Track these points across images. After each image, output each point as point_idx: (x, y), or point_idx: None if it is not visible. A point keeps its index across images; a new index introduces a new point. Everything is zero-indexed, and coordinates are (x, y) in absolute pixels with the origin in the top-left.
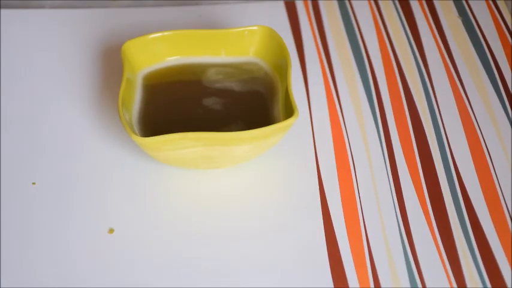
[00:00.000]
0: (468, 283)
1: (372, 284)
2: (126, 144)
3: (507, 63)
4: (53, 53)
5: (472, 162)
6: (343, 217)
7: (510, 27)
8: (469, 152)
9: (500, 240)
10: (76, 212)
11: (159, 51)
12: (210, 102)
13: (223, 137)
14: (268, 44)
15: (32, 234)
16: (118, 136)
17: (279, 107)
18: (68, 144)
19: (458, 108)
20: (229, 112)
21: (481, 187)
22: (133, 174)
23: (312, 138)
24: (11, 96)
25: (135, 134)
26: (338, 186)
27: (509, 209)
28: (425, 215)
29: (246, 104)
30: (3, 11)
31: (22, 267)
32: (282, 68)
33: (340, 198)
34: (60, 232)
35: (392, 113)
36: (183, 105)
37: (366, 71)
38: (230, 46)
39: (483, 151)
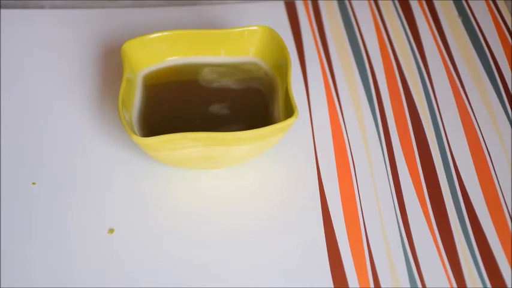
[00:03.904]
0: (468, 283)
1: (372, 284)
2: (126, 144)
3: (507, 63)
4: (53, 53)
5: (472, 162)
6: (343, 217)
7: (510, 27)
8: (469, 152)
9: (500, 240)
10: (76, 212)
11: (159, 51)
12: (210, 102)
13: (223, 137)
14: (268, 44)
15: (32, 234)
16: (118, 136)
17: (279, 107)
18: (67, 144)
19: (458, 108)
20: (229, 112)
21: (481, 187)
22: (133, 174)
23: (312, 138)
24: (11, 96)
25: (135, 134)
26: (338, 186)
27: (509, 209)
28: (425, 215)
29: (246, 104)
30: (3, 11)
31: (22, 267)
32: (282, 68)
33: (340, 198)
34: (60, 232)
35: (392, 113)
36: (183, 105)
37: (366, 71)
38: (230, 46)
39: (483, 151)
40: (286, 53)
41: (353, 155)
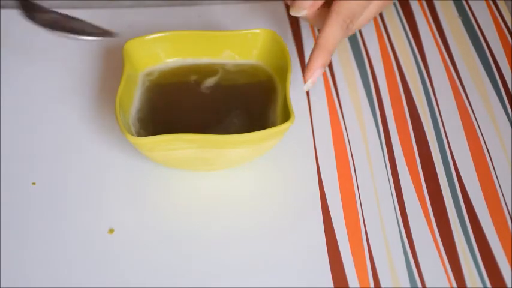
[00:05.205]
0: (468, 283)
1: (372, 284)
2: (126, 145)
3: (507, 63)
4: (53, 53)
5: (472, 162)
6: (343, 217)
7: (510, 27)
8: (469, 152)
9: (500, 240)
10: (76, 212)
11: (160, 51)
12: (210, 103)
13: (217, 139)
14: (270, 47)
15: (32, 235)
16: (118, 136)
17: (277, 111)
18: (67, 145)
19: (458, 108)
20: (229, 114)
21: (481, 187)
22: (133, 175)
23: (312, 138)
24: (11, 97)
25: (131, 133)
26: (338, 186)
27: (509, 209)
28: (425, 215)
29: (245, 106)
30: (3, 11)
31: (22, 268)
32: (283, 72)
33: (340, 198)
34: (60, 232)
35: (392, 113)
36: (182, 106)
37: (366, 71)
38: (232, 48)
39: (483, 151)
40: (287, 57)
41: (353, 155)
